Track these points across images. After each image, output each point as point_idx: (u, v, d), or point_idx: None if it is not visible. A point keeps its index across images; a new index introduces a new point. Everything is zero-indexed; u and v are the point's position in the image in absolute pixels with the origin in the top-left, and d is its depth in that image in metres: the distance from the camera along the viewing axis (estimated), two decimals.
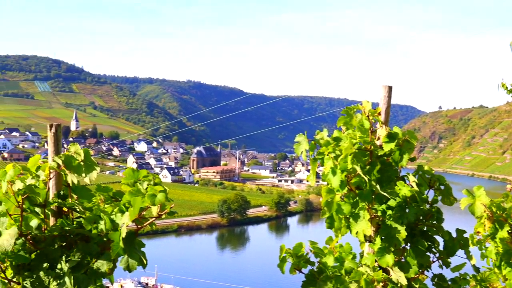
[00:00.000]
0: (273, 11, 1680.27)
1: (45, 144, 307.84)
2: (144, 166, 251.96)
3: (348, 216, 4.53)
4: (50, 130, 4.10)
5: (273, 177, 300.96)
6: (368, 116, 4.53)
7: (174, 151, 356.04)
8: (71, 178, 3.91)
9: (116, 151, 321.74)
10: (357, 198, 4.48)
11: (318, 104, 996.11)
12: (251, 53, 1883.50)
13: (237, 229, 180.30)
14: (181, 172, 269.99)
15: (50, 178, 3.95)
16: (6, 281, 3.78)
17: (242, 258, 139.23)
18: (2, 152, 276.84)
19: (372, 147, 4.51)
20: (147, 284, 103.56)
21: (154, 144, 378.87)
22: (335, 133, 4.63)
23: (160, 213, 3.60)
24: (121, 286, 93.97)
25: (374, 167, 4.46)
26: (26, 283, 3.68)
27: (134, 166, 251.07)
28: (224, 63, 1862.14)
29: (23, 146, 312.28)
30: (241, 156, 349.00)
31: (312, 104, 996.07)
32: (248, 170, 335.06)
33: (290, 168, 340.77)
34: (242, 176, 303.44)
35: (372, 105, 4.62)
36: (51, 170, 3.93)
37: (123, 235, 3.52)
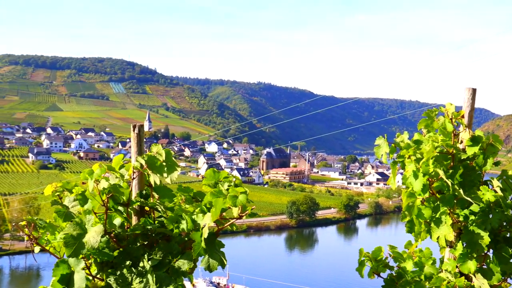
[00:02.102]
0: (345, 12, 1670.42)
1: (119, 144, 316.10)
2: (214, 167, 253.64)
3: (428, 220, 4.45)
4: (134, 130, 4.19)
5: (342, 179, 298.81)
6: (451, 119, 4.44)
7: (244, 152, 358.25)
8: (154, 178, 3.98)
9: (187, 152, 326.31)
10: (438, 203, 4.39)
11: (389, 106, 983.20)
12: (322, 55, 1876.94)
13: (305, 230, 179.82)
14: (251, 173, 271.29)
15: (134, 178, 4.03)
16: (91, 277, 3.88)
17: (311, 259, 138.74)
18: (79, 151, 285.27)
19: (455, 150, 4.41)
20: (218, 284, 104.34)
21: (225, 145, 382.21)
22: (416, 136, 4.55)
23: (241, 214, 3.62)
24: (193, 285, 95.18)
25: (456, 171, 4.37)
26: (110, 280, 3.77)
27: (205, 167, 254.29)
28: (294, 65, 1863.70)
29: (98, 146, 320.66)
30: (310, 158, 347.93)
31: (382, 107, 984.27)
32: (318, 172, 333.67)
33: (360, 171, 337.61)
34: (311, 177, 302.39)
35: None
36: (134, 170, 4.01)
37: (205, 235, 3.57)
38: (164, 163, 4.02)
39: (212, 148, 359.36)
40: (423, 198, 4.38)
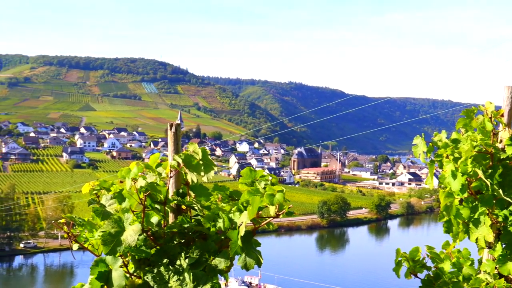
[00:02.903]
0: (376, 11, 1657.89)
1: (151, 143, 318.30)
2: (245, 166, 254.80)
3: (466, 221, 4.39)
4: (170, 129, 4.21)
5: (373, 179, 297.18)
6: (490, 117, 4.38)
7: (275, 152, 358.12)
8: (191, 176, 3.99)
9: (218, 151, 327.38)
10: (477, 203, 4.33)
11: (421, 105, 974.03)
12: (353, 54, 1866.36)
13: (336, 230, 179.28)
14: (282, 173, 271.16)
15: (171, 177, 4.05)
16: (128, 275, 3.90)
17: (342, 259, 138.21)
18: (111, 151, 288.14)
19: (494, 150, 4.35)
20: (250, 283, 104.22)
21: (256, 145, 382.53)
22: (454, 135, 4.50)
23: (278, 213, 3.61)
24: (225, 284, 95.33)
25: (496, 170, 4.30)
26: (147, 277, 3.79)
27: (236, 166, 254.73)
28: (325, 64, 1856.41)
29: (130, 146, 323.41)
30: (341, 158, 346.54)
31: (414, 106, 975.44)
32: (349, 171, 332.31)
33: (391, 171, 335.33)
34: (342, 177, 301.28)
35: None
36: (172, 169, 4.03)
37: (242, 233, 3.57)
38: (200, 162, 4.03)
39: (243, 147, 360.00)
40: (461, 198, 4.33)
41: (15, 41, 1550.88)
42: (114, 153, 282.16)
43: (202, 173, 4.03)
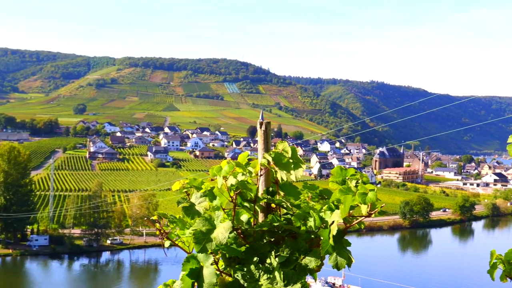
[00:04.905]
0: (460, 8, 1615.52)
1: (233, 143, 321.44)
2: (327, 166, 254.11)
3: None
4: (261, 127, 4.22)
5: (457, 180, 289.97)
6: None
7: (357, 152, 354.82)
8: (281, 175, 3.98)
9: (300, 151, 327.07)
10: None
11: (507, 104, 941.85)
12: (436, 52, 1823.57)
13: (419, 231, 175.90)
14: (363, 173, 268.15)
15: (261, 175, 4.06)
16: (218, 272, 3.93)
17: (426, 261, 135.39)
18: (194, 150, 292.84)
19: None
20: (334, 284, 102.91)
21: (337, 144, 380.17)
22: None
23: (370, 212, 3.55)
24: (309, 284, 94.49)
25: None
26: (237, 275, 3.81)
27: (318, 166, 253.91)
28: (408, 63, 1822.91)
29: (213, 145, 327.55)
30: (424, 158, 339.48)
31: (500, 105, 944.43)
32: (432, 172, 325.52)
33: (476, 171, 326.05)
34: (425, 178, 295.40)
35: None
36: (262, 167, 4.03)
37: (334, 232, 3.53)
38: (290, 160, 4.02)
39: (324, 147, 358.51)
40: None
41: (102, 43, 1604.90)
42: (197, 153, 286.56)
43: (291, 172, 4.01)
